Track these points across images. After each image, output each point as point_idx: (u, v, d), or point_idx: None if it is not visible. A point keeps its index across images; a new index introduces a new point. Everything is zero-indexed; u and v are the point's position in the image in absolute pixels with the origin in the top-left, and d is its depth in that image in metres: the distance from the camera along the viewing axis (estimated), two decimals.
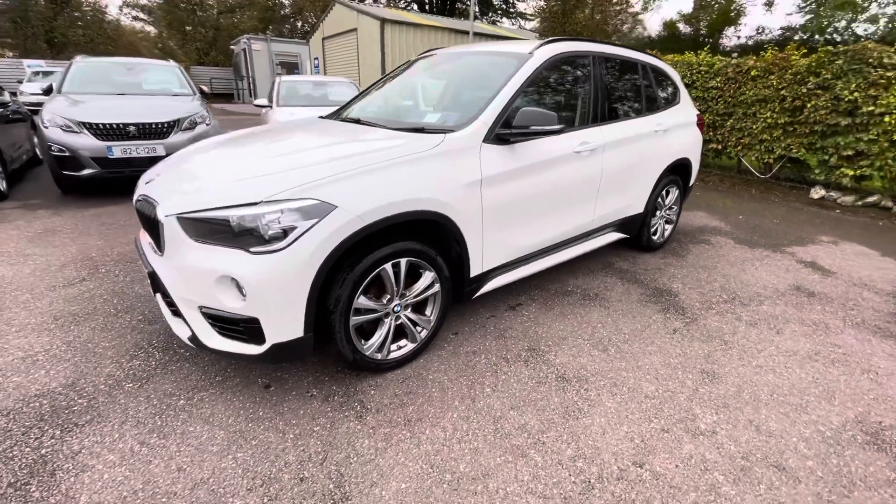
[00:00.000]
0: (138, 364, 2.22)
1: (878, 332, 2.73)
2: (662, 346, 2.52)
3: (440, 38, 12.16)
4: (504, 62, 2.65)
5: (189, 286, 1.82)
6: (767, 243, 4.27)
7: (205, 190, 1.86)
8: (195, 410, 1.93)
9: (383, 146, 2.11)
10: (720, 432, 1.88)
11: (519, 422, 1.91)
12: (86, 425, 1.83)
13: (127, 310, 2.73)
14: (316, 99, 7.36)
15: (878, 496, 1.60)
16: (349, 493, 1.56)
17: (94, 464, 1.65)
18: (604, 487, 1.60)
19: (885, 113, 4.88)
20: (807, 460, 1.75)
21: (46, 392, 2.00)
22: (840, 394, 2.15)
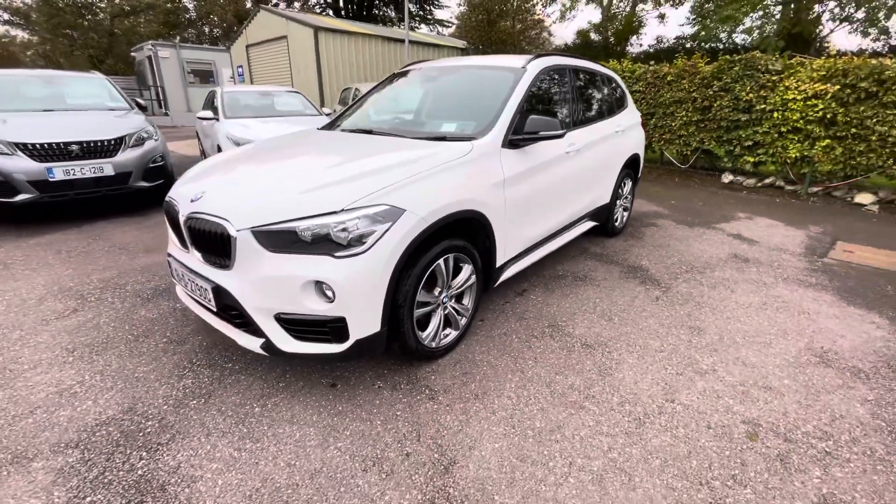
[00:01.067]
0: (191, 382, 2.22)
1: (801, 283, 3.46)
2: (653, 311, 3.00)
3: (375, 46, 12.27)
4: (502, 75, 2.98)
5: (267, 295, 1.91)
6: (700, 222, 5.06)
7: (275, 203, 1.95)
8: (275, 415, 2.01)
9: (423, 154, 2.33)
10: (718, 369, 2.37)
11: (566, 383, 2.24)
12: (170, 443, 1.84)
13: (146, 334, 2.65)
14: (265, 110, 7.18)
15: (836, 396, 2.15)
16: (454, 457, 1.78)
17: (201, 473, 1.69)
18: (652, 421, 1.98)
19: (773, 110, 5.97)
20: (783, 380, 2.28)
21: (107, 420, 1.96)
22: (790, 331, 2.76)
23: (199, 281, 2.09)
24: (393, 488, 1.64)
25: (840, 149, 5.56)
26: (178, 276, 2.32)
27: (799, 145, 5.85)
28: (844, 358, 2.48)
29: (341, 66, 11.49)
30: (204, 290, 2.08)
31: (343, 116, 3.49)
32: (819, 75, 5.56)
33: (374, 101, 3.54)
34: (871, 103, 5.26)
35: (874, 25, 11.35)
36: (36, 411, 2.01)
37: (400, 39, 12.70)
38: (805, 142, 5.81)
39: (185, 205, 2.14)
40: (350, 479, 1.68)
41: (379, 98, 3.54)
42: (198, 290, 2.14)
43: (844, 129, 5.48)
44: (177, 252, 2.31)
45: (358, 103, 3.57)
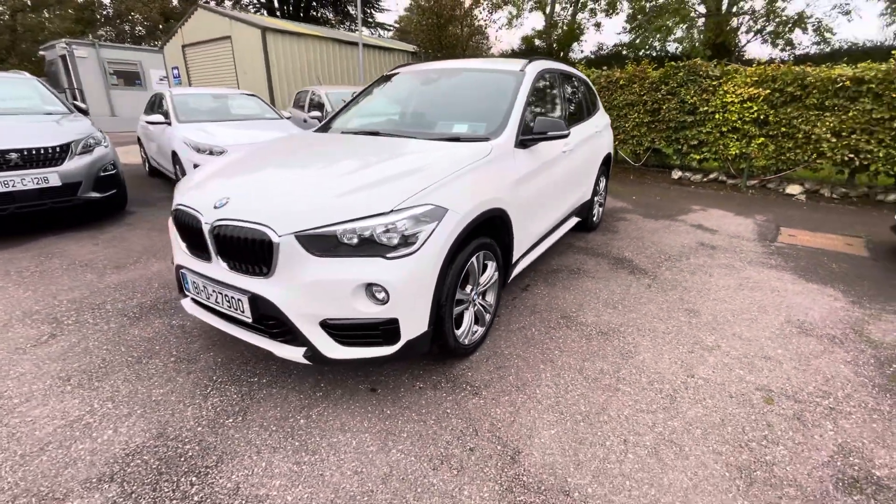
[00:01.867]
0: (218, 400, 2.09)
1: (763, 265, 3.87)
2: (649, 297, 3.22)
3: (327, 48, 11.95)
4: (503, 78, 3.08)
5: (314, 301, 1.85)
6: (663, 215, 5.48)
7: (318, 207, 1.89)
8: (323, 425, 1.94)
9: (449, 154, 2.35)
10: (722, 345, 2.60)
11: (596, 369, 2.37)
12: (219, 465, 1.73)
13: (148, 355, 2.44)
14: (220, 113, 6.79)
15: (823, 360, 2.45)
16: (517, 447, 1.83)
17: (266, 492, 1.61)
18: (682, 396, 2.15)
19: (714, 111, 6.60)
20: (777, 349, 2.56)
21: (138, 448, 1.80)
22: (768, 307, 3.09)
23: (229, 292, 1.98)
24: (468, 483, 1.66)
25: (772, 146, 6.27)
26: (195, 289, 2.17)
27: (738, 143, 6.51)
28: (818, 327, 2.82)
29: (291, 69, 11.08)
30: (236, 300, 1.96)
31: (336, 119, 3.42)
32: (752, 80, 6.24)
33: (370, 103, 3.50)
34: (796, 105, 5.98)
35: (780, 37, 12.96)
36: (47, 447, 1.80)
37: (352, 42, 12.50)
38: (743, 140, 6.47)
39: (209, 212, 2.01)
40: (423, 479, 1.67)
41: (374, 100, 3.51)
42: (226, 302, 2.02)
43: (775, 128, 6.18)
44: (192, 263, 2.16)
45: (350, 106, 3.51)
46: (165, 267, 3.66)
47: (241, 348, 2.50)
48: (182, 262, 2.23)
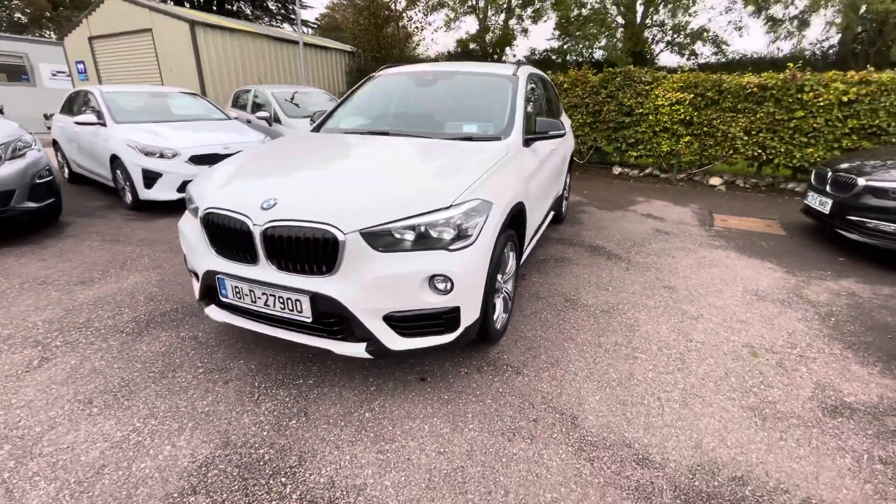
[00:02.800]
0: (272, 405, 2.06)
1: (711, 246, 4.48)
2: (632, 278, 3.62)
3: (264, 46, 11.30)
4: (499, 81, 3.29)
5: (380, 296, 1.91)
6: (616, 206, 6.04)
7: (380, 204, 1.95)
8: (390, 415, 2.01)
9: (475, 153, 2.51)
10: (703, 314, 3.03)
11: (611, 342, 2.66)
12: (304, 463, 1.74)
13: (171, 369, 2.31)
14: (161, 113, 6.27)
15: (782, 319, 2.96)
16: (573, 414, 2.04)
17: (362, 481, 1.66)
18: (689, 357, 2.50)
19: (648, 113, 7.38)
20: (745, 314, 3.04)
21: (209, 459, 1.74)
22: (727, 280, 3.62)
23: (285, 293, 1.96)
24: (544, 448, 1.84)
25: (696, 143, 7.16)
26: (235, 294, 2.10)
27: (668, 141, 7.33)
28: (769, 293, 3.37)
29: (225, 67, 10.37)
30: (293, 301, 1.96)
31: (330, 120, 3.40)
32: (678, 86, 7.07)
33: (364, 104, 3.53)
34: (715, 108, 6.89)
35: (685, 48, 14.71)
36: (103, 471, 1.68)
37: (288, 40, 12.00)
38: (672, 138, 7.31)
39: (257, 214, 1.97)
40: (504, 451, 1.82)
41: (368, 101, 3.54)
42: (280, 304, 2.00)
43: (699, 128, 7.06)
44: (231, 267, 2.10)
45: (341, 107, 3.51)
46: (144, 279, 3.39)
47: (271, 353, 2.45)
48: (215, 266, 2.15)
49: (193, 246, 2.29)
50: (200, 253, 2.24)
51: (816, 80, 6.19)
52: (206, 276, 2.20)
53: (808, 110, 6.25)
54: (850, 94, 5.95)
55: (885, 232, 3.79)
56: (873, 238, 3.88)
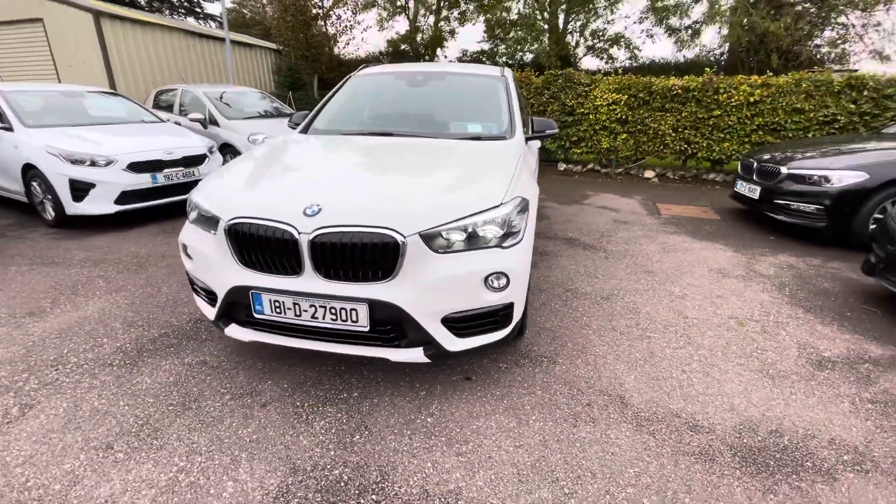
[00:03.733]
0: (327, 422, 1.94)
1: (667, 232, 4.95)
2: (614, 266, 3.89)
3: (180, 42, 10.19)
4: (489, 82, 3.37)
5: (440, 298, 1.88)
6: (571, 201, 6.43)
7: (434, 205, 1.91)
8: (452, 417, 1.99)
9: (497, 152, 2.56)
10: (686, 293, 3.36)
11: (623, 325, 2.85)
12: (388, 477, 1.67)
13: (192, 399, 2.07)
14: (78, 116, 5.51)
15: (750, 292, 3.38)
16: (620, 394, 2.17)
17: (454, 486, 1.64)
18: (691, 332, 2.77)
19: (588, 113, 7.92)
20: (719, 290, 3.42)
21: (284, 489, 1.61)
22: (693, 262, 4.03)
23: (338, 303, 1.86)
24: (607, 428, 1.94)
25: (632, 140, 7.83)
26: (274, 309, 1.95)
27: (607, 139, 7.94)
28: (730, 270, 3.83)
29: (139, 65, 9.24)
30: (349, 310, 1.86)
31: (317, 120, 3.24)
32: (614, 87, 7.68)
33: (354, 104, 3.41)
34: (646, 108, 7.60)
35: (604, 53, 16.02)
36: None
37: (212, 36, 11.04)
38: (611, 136, 7.93)
39: (302, 221, 1.85)
40: (574, 435, 1.89)
41: (358, 101, 3.43)
42: (331, 314, 1.89)
43: (633, 126, 7.74)
44: (267, 280, 1.94)
45: (329, 107, 3.36)
46: (110, 304, 2.98)
47: (299, 370, 2.30)
48: (245, 281, 1.97)
49: (209, 261, 2.07)
50: (220, 268, 2.03)
51: (728, 82, 7.08)
52: (231, 294, 2.00)
53: (724, 109, 7.14)
54: (755, 96, 6.89)
55: (805, 212, 4.47)
56: (796, 218, 4.55)
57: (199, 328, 2.71)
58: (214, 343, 2.54)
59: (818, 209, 4.37)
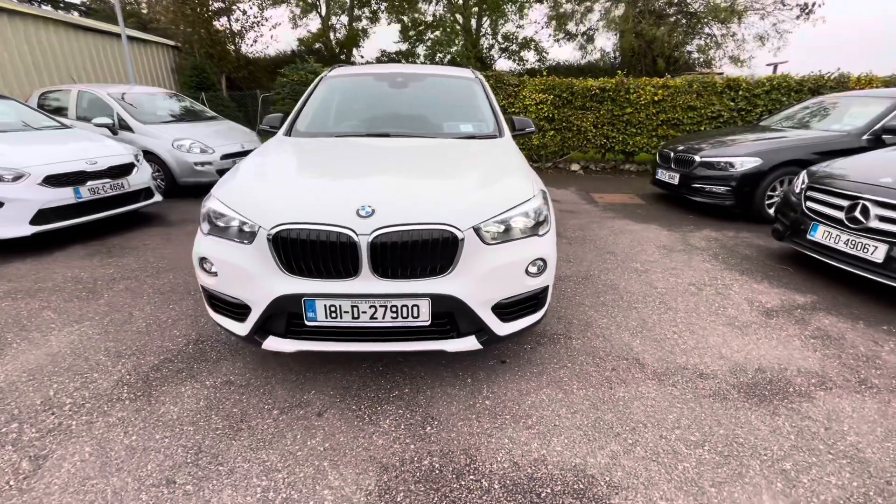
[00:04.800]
0: (393, 420, 1.97)
1: (609, 217, 5.54)
2: (582, 251, 4.30)
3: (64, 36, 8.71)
4: (467, 83, 3.54)
5: (492, 287, 2.01)
6: None
7: (476, 201, 2.02)
8: (506, 397, 2.14)
9: (503, 149, 2.74)
10: (647, 268, 3.85)
11: (610, 299, 3.21)
12: (475, 458, 1.77)
13: (239, 418, 1.96)
14: None
15: (694, 263, 3.97)
16: (636, 357, 2.48)
17: (539, 454, 1.79)
18: (667, 300, 3.21)
19: (518, 112, 8.45)
20: (671, 263, 3.97)
21: (383, 487, 1.63)
22: (641, 241, 4.59)
23: (398, 300, 1.90)
24: (637, 386, 2.23)
25: (559, 136, 8.52)
26: (330, 314, 1.92)
27: (537, 136, 8.54)
28: (672, 246, 4.44)
29: (10, 63, 7.75)
30: (410, 307, 1.91)
31: (299, 123, 3.14)
32: (540, 88, 8.29)
33: (336, 105, 3.36)
34: (570, 107, 8.32)
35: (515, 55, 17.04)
36: None
37: (102, 31, 9.61)
38: (540, 132, 8.54)
39: (358, 223, 1.85)
40: (615, 396, 2.15)
41: (340, 102, 3.38)
42: (391, 313, 1.92)
43: (559, 123, 8.42)
44: (320, 286, 1.90)
45: (308, 110, 3.26)
46: (79, 337, 2.63)
47: (337, 376, 2.27)
48: (294, 289, 1.91)
49: (243, 273, 1.97)
50: (259, 279, 1.95)
51: (636, 83, 8.04)
52: (277, 304, 1.93)
53: (634, 107, 8.09)
54: (658, 95, 7.92)
55: (717, 193, 5.32)
56: (710, 198, 5.39)
57: (203, 349, 2.51)
58: (231, 361, 2.39)
59: (727, 190, 5.23)
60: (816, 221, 3.49)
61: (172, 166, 6.21)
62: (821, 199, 3.52)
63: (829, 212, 3.42)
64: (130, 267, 3.72)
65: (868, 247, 3.09)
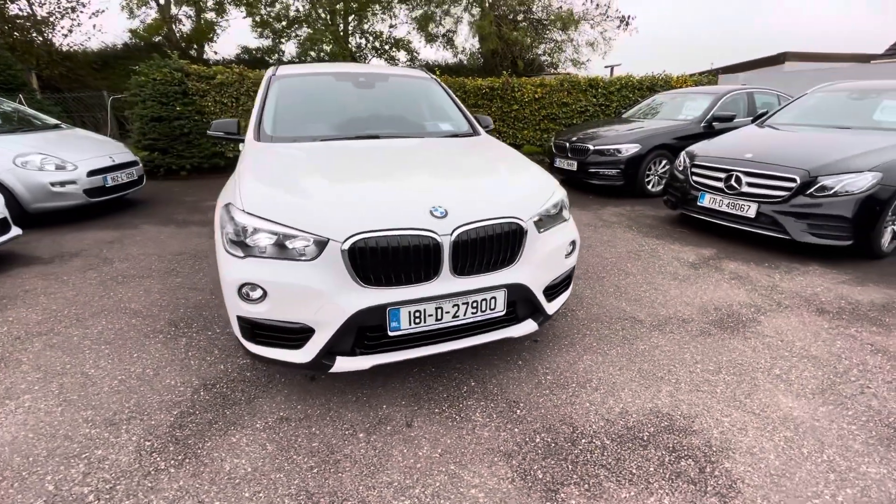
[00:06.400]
0: (482, 413, 2.03)
1: None
2: None
3: None
4: (427, 83, 3.59)
5: (544, 271, 2.20)
6: None
7: (520, 195, 2.17)
8: (564, 365, 2.35)
9: (489, 146, 2.92)
10: (591, 245, 4.43)
11: (580, 273, 3.65)
12: (576, 426, 1.94)
13: (327, 451, 1.80)
14: None
15: (618, 234, 4.71)
16: (632, 316, 2.92)
17: (624, 407, 2.05)
18: (620, 266, 3.79)
19: None
20: (602, 236, 4.64)
21: (525, 462, 1.70)
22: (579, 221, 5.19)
23: (478, 295, 1.96)
24: (648, 339, 2.65)
25: None
26: (413, 321, 1.88)
27: None
28: (594, 223, 5.15)
29: None
30: (488, 300, 1.99)
31: (270, 127, 2.85)
32: None
33: (306, 108, 3.10)
34: (464, 103, 8.79)
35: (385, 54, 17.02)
36: None
37: None
38: None
39: (436, 224, 1.85)
40: (639, 347, 2.52)
41: (308, 105, 3.13)
42: (472, 308, 1.97)
43: None
44: (401, 293, 1.85)
45: (270, 114, 2.96)
46: (31, 414, 2.03)
47: (395, 388, 2.22)
48: (380, 300, 1.83)
49: (311, 292, 1.80)
50: (329, 296, 1.81)
51: (518, 82, 8.90)
52: (354, 320, 1.82)
53: (520, 104, 8.95)
54: (538, 93, 8.91)
55: (610, 175, 6.30)
56: (605, 181, 6.36)
57: (221, 392, 2.17)
58: (269, 398, 2.12)
59: (617, 172, 6.23)
60: (704, 191, 4.47)
61: (18, 190, 4.84)
62: (704, 173, 4.50)
63: (712, 183, 4.41)
64: (32, 320, 2.90)
65: (744, 206, 4.09)
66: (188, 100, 7.56)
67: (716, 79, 10.71)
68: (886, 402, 2.07)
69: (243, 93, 7.86)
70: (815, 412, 2.01)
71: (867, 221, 3.62)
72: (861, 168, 3.63)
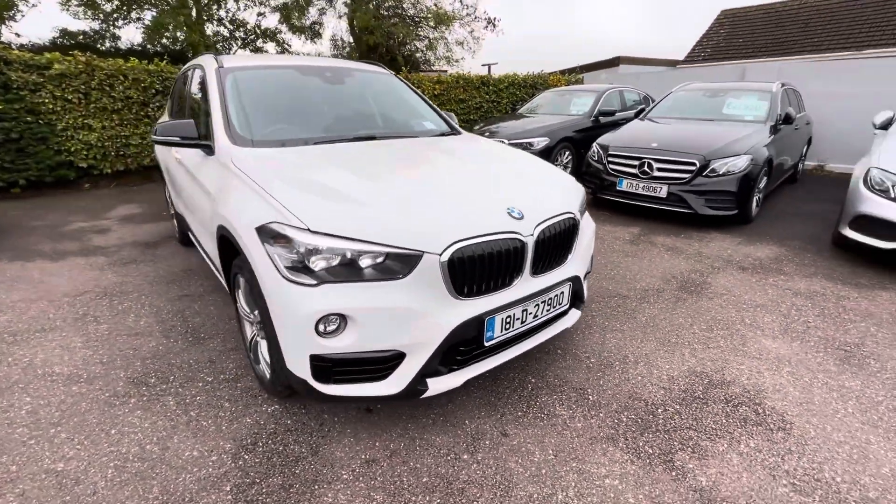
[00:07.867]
0: (562, 407, 2.06)
1: None
2: None
3: None
4: (390, 79, 3.40)
5: (586, 259, 2.33)
6: None
7: (561, 192, 2.23)
8: (612, 351, 2.50)
9: (488, 143, 2.91)
10: None
11: None
12: (632, 408, 2.11)
13: (445, 480, 1.65)
14: None
15: None
16: (624, 295, 3.24)
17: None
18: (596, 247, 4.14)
19: None
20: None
21: (629, 438, 1.79)
22: None
23: (552, 292, 2.00)
24: (657, 305, 2.98)
25: None
26: (504, 327, 1.84)
27: None
28: None
29: None
30: (559, 296, 2.05)
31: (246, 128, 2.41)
32: None
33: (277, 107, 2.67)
34: None
35: (251, 44, 15.20)
36: None
37: None
38: None
39: (517, 225, 1.82)
40: (662, 320, 2.83)
41: (277, 104, 2.69)
42: (547, 306, 2.00)
43: None
44: (492, 300, 1.78)
45: (242, 114, 2.50)
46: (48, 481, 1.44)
47: (462, 401, 2.13)
48: (476, 310, 1.73)
49: (405, 313, 1.64)
50: (421, 316, 1.66)
51: (418, 79, 8.90)
52: (454, 335, 1.70)
53: None
54: (436, 90, 9.05)
55: None
56: None
57: (274, 449, 1.81)
58: (335, 443, 1.84)
59: None
60: (622, 177, 5.12)
61: None
62: (621, 162, 5.16)
63: (627, 170, 5.07)
64: None
65: (656, 188, 4.82)
66: (13, 95, 5.80)
67: (581, 78, 12.21)
68: (827, 331, 2.70)
69: (95, 87, 6.33)
70: (792, 348, 2.53)
71: (745, 194, 4.59)
72: (738, 152, 4.59)
